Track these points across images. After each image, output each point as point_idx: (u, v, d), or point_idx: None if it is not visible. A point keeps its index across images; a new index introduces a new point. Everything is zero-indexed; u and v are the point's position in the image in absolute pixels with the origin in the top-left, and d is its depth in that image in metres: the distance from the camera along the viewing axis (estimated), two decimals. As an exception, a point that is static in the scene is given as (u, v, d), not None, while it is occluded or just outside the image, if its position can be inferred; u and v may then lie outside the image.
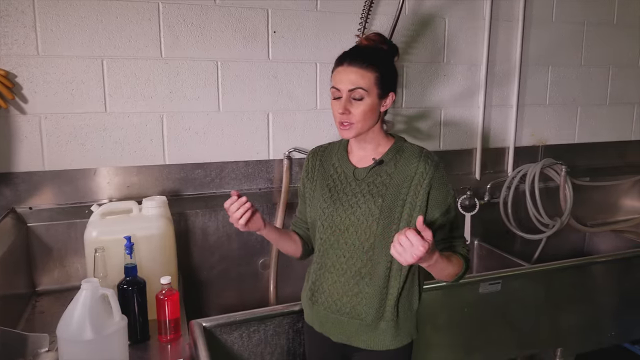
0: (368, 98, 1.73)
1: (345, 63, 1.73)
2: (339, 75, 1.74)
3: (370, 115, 1.76)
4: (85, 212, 2.31)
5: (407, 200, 1.77)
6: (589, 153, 3.60)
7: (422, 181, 1.76)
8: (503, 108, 3.25)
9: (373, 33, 1.87)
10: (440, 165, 1.80)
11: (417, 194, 1.76)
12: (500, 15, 3.11)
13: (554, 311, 2.73)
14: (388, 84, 1.79)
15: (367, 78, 1.72)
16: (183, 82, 2.51)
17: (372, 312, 1.82)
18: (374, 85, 1.73)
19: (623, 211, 3.80)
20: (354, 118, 1.73)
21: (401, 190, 1.78)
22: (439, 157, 1.82)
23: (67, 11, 2.28)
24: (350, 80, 1.71)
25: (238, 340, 2.14)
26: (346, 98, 1.72)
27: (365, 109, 1.73)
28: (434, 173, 1.76)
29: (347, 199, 1.83)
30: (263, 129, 2.69)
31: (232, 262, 2.75)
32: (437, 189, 1.77)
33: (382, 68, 1.76)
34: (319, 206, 1.87)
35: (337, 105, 1.75)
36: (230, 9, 2.52)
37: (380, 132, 1.85)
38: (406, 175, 1.78)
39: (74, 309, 1.58)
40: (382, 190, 1.79)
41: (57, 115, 2.34)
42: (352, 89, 1.71)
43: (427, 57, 2.98)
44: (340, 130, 1.77)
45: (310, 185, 1.96)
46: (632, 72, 3.62)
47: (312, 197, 1.93)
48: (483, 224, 3.27)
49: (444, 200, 1.78)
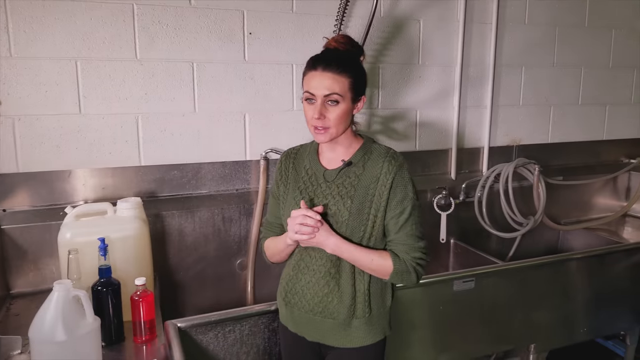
0: (343, 103, 1.75)
1: (319, 68, 1.74)
2: (314, 81, 1.75)
3: (345, 119, 1.79)
4: (60, 214, 2.30)
5: (373, 201, 1.80)
6: (562, 152, 3.65)
7: (386, 181, 1.79)
8: (477, 109, 3.29)
9: (341, 35, 1.88)
10: (404, 167, 1.83)
11: (382, 194, 1.80)
12: (474, 17, 3.15)
13: (527, 308, 2.77)
14: (360, 87, 1.82)
15: (342, 83, 1.74)
16: (158, 84, 2.51)
17: (343, 310, 1.85)
18: (348, 90, 1.76)
19: (596, 209, 3.86)
20: (329, 123, 1.75)
21: (369, 192, 1.81)
22: (404, 159, 1.85)
23: (40, 12, 2.27)
24: (325, 86, 1.73)
25: (214, 340, 2.15)
26: (321, 103, 1.74)
27: (340, 113, 1.75)
28: (397, 173, 1.80)
29: (318, 201, 1.85)
30: (239, 130, 2.70)
31: (209, 263, 2.75)
32: (395, 190, 1.80)
33: (355, 73, 1.79)
34: (291, 208, 1.88)
35: (311, 110, 1.76)
36: (205, 10, 2.53)
37: (351, 134, 1.88)
38: (373, 176, 1.81)
39: (46, 311, 1.58)
40: (351, 192, 1.81)
41: (31, 117, 2.32)
42: (328, 94, 1.73)
43: (403, 58, 3.01)
44: (315, 134, 1.79)
45: (283, 188, 1.98)
46: (603, 73, 3.67)
47: (285, 200, 1.95)
48: (458, 223, 3.31)
49: (400, 202, 1.80)
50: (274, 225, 2.06)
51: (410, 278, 1.81)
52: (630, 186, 3.93)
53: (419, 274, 1.82)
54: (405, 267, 1.79)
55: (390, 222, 1.81)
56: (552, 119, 3.56)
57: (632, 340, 3.28)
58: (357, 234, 1.80)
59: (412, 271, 1.80)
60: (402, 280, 1.82)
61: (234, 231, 2.77)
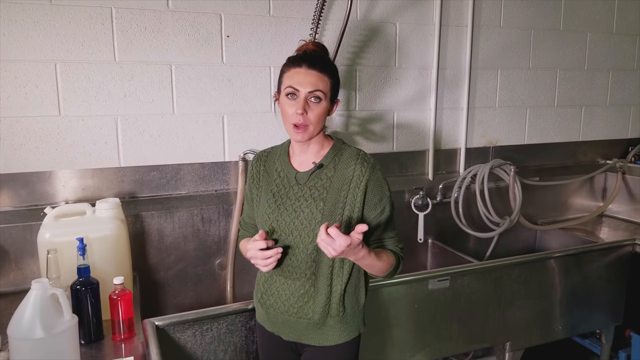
0: (324, 101, 1.80)
1: (304, 65, 1.79)
2: (298, 77, 1.78)
3: (323, 119, 1.83)
4: (41, 215, 2.32)
5: (346, 203, 1.84)
6: (539, 153, 3.71)
7: (360, 183, 1.83)
8: (454, 110, 3.33)
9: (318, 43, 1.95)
10: (376, 167, 1.87)
11: (356, 196, 1.83)
12: (449, 20, 3.20)
13: (502, 307, 2.82)
14: (337, 91, 1.88)
15: (325, 82, 1.80)
16: (137, 86, 2.53)
17: (318, 310, 1.88)
18: (329, 90, 1.82)
19: (572, 209, 3.92)
20: (309, 120, 1.79)
21: (341, 193, 1.84)
22: (375, 159, 1.89)
23: (19, 16, 2.29)
24: (311, 83, 1.77)
25: (191, 338, 2.18)
26: (304, 99, 1.77)
27: (320, 112, 1.79)
28: (370, 175, 1.83)
29: (290, 204, 1.87)
30: (218, 131, 2.73)
31: (188, 262, 2.78)
32: (372, 191, 1.84)
33: (334, 75, 1.86)
34: (264, 211, 1.92)
35: (293, 106, 1.79)
36: (183, 13, 2.56)
37: (323, 135, 1.92)
38: (345, 178, 1.84)
39: (24, 309, 1.60)
40: (323, 194, 1.84)
41: (11, 118, 2.35)
42: (312, 90, 1.77)
43: (379, 61, 3.05)
44: (294, 132, 1.81)
45: (256, 191, 2.00)
46: (578, 75, 3.73)
47: (259, 203, 1.97)
48: (436, 223, 3.36)
49: (379, 202, 1.85)
50: (250, 225, 2.11)
51: (400, 268, 1.92)
52: (607, 186, 3.99)
53: (403, 259, 1.93)
54: (399, 260, 1.90)
55: (373, 222, 1.85)
56: (528, 120, 3.61)
57: (607, 339, 3.33)
58: None
59: (401, 260, 1.92)
60: (396, 273, 1.91)
61: (213, 231, 2.80)
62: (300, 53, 1.86)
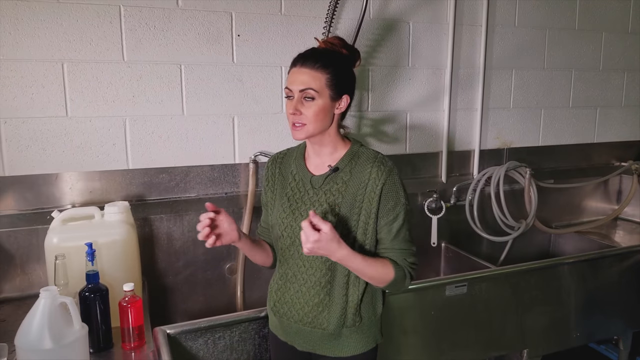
0: (319, 99, 1.73)
1: (298, 64, 1.75)
2: (292, 76, 1.75)
3: (323, 117, 1.75)
4: (47, 218, 2.27)
5: (362, 208, 1.77)
6: (553, 155, 3.65)
7: (375, 187, 1.76)
8: (468, 111, 3.28)
9: (335, 37, 1.87)
10: (393, 172, 1.79)
11: (372, 201, 1.76)
12: (464, 20, 3.15)
13: (520, 313, 2.76)
14: (341, 86, 1.78)
15: (317, 79, 1.72)
16: (146, 86, 2.48)
17: (333, 321, 1.83)
18: (325, 86, 1.74)
19: (587, 213, 3.87)
20: (306, 119, 1.73)
21: (356, 198, 1.78)
22: (393, 163, 1.82)
23: (26, 14, 2.24)
24: (301, 81, 1.72)
25: (203, 347, 2.13)
26: (297, 99, 1.73)
27: (316, 110, 1.73)
28: (387, 179, 1.76)
29: (305, 208, 1.82)
30: (228, 132, 2.68)
31: (198, 267, 2.73)
32: (386, 196, 1.77)
33: (334, 70, 1.76)
34: (278, 216, 1.87)
35: (290, 106, 1.75)
36: (193, 12, 2.51)
37: (337, 136, 1.85)
38: (361, 182, 1.78)
39: (32, 318, 1.57)
40: (339, 199, 1.78)
41: (17, 119, 2.30)
42: (303, 89, 1.72)
43: (392, 61, 3.00)
44: (293, 130, 1.77)
45: (271, 194, 1.95)
46: (594, 75, 3.68)
47: (273, 207, 1.92)
48: (450, 227, 3.30)
49: (392, 208, 1.77)
50: (267, 230, 2.04)
51: (404, 284, 1.80)
52: (622, 189, 3.93)
53: (412, 278, 1.81)
54: (404, 273, 1.78)
55: (384, 229, 1.79)
56: (542, 121, 3.56)
57: (625, 345, 3.27)
58: (346, 241, 1.74)
59: (407, 276, 1.79)
60: (398, 287, 1.81)
61: (224, 235, 2.74)
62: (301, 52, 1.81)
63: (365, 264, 1.72)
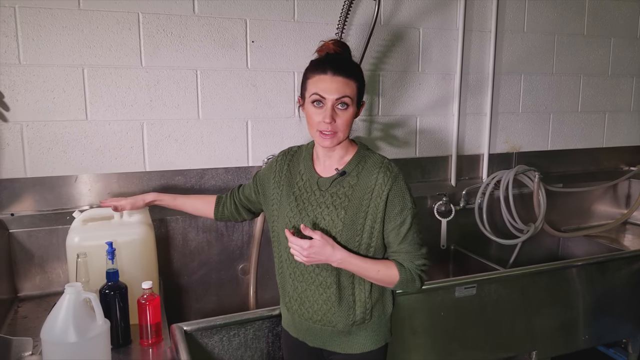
0: (351, 107, 1.75)
1: (329, 72, 1.72)
2: (324, 84, 1.73)
3: (350, 124, 1.78)
4: (67, 219, 2.35)
5: (368, 212, 1.79)
6: (562, 160, 3.68)
7: (382, 193, 1.78)
8: (477, 116, 3.32)
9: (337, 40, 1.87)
10: (399, 177, 1.81)
11: (378, 206, 1.78)
12: (473, 25, 3.19)
13: (528, 315, 2.78)
14: (362, 94, 1.83)
15: (351, 87, 1.74)
16: (163, 91, 2.54)
17: (342, 319, 1.86)
18: (356, 94, 1.76)
19: (596, 216, 3.88)
20: (336, 127, 1.74)
21: (363, 202, 1.79)
22: (399, 169, 1.83)
23: (48, 21, 2.31)
24: (337, 90, 1.72)
25: (218, 344, 2.16)
26: (331, 107, 1.72)
27: (348, 118, 1.75)
28: (392, 185, 1.78)
29: (312, 209, 1.84)
30: (242, 136, 2.73)
31: (212, 267, 2.78)
32: (392, 201, 1.78)
33: (360, 78, 1.80)
34: (285, 214, 1.88)
35: (320, 114, 1.74)
36: (209, 19, 2.57)
37: (347, 140, 1.87)
38: (367, 186, 1.80)
39: (57, 313, 1.61)
40: (345, 202, 1.80)
41: (39, 122, 2.36)
42: (339, 97, 1.72)
43: (403, 66, 3.04)
44: (322, 138, 1.76)
45: (277, 190, 1.96)
46: (602, 80, 3.71)
47: (280, 203, 1.93)
48: (459, 229, 3.33)
49: (399, 214, 1.79)
50: (242, 195, 2.19)
51: (414, 285, 1.81)
52: (631, 193, 3.95)
53: (422, 280, 1.83)
54: (411, 275, 1.79)
55: (392, 233, 1.80)
56: (551, 126, 3.59)
57: (634, 348, 3.27)
58: (352, 244, 1.79)
59: (416, 278, 1.80)
60: (407, 288, 1.82)
61: (237, 236, 2.79)
62: (323, 56, 1.81)
63: (365, 266, 1.77)
